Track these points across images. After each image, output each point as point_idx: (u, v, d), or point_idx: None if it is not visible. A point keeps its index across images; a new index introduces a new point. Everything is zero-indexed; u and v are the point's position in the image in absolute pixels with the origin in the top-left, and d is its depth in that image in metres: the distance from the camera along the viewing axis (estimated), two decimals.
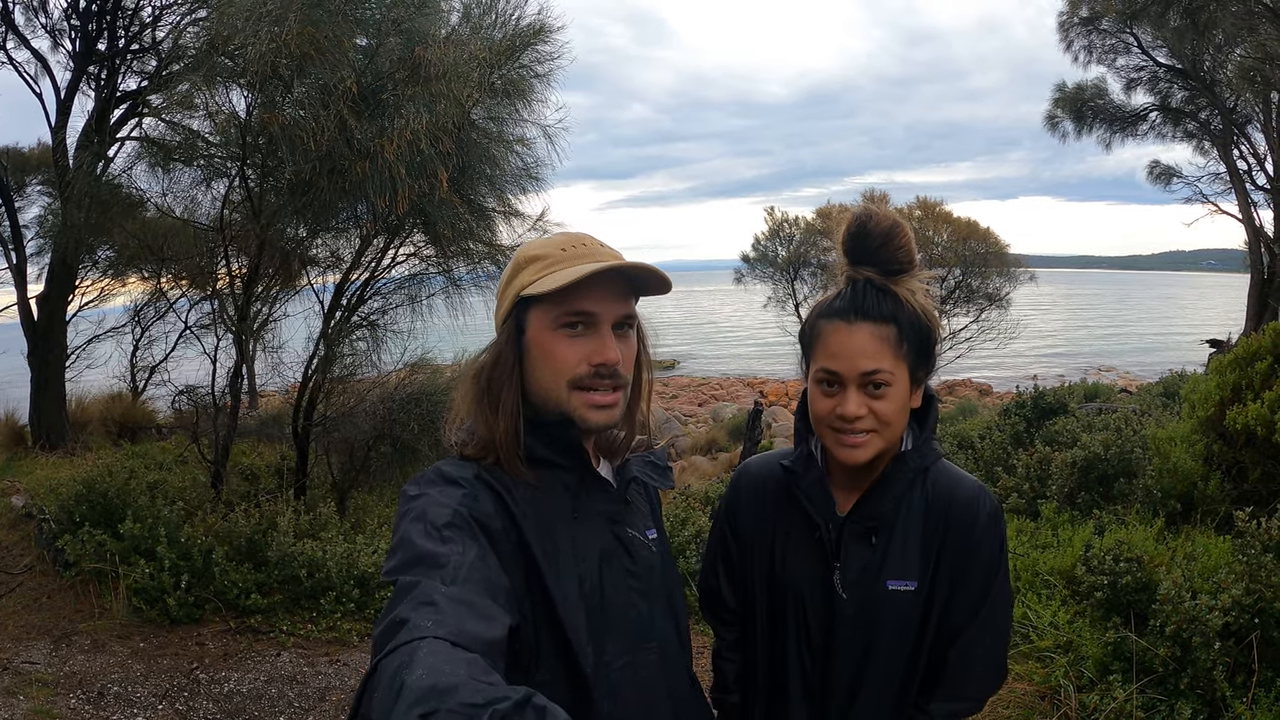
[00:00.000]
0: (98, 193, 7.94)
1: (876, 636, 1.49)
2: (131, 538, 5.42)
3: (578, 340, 1.29)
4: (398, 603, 1.01)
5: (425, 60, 5.86)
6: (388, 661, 0.89)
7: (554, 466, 1.32)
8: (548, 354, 1.29)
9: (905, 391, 1.43)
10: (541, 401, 1.31)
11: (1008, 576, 1.53)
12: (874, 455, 1.44)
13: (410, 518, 1.16)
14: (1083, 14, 16.57)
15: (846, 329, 1.40)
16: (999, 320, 19.72)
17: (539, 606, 1.24)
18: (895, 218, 1.42)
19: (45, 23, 9.38)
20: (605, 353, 1.28)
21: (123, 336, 11.65)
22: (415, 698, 0.80)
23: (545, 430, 1.31)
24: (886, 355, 1.39)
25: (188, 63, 7.07)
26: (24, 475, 8.06)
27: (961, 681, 1.52)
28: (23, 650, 4.86)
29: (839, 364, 1.40)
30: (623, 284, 1.31)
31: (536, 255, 1.31)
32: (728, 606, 1.69)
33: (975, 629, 1.49)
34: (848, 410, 1.40)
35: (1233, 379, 5.04)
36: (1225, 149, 16.39)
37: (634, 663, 1.35)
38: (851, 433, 1.42)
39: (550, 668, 1.25)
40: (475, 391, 1.34)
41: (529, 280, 1.29)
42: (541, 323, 1.29)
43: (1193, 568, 3.86)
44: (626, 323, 1.33)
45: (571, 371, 1.28)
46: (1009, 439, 7.57)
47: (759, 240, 22.64)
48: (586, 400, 1.30)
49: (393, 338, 7.92)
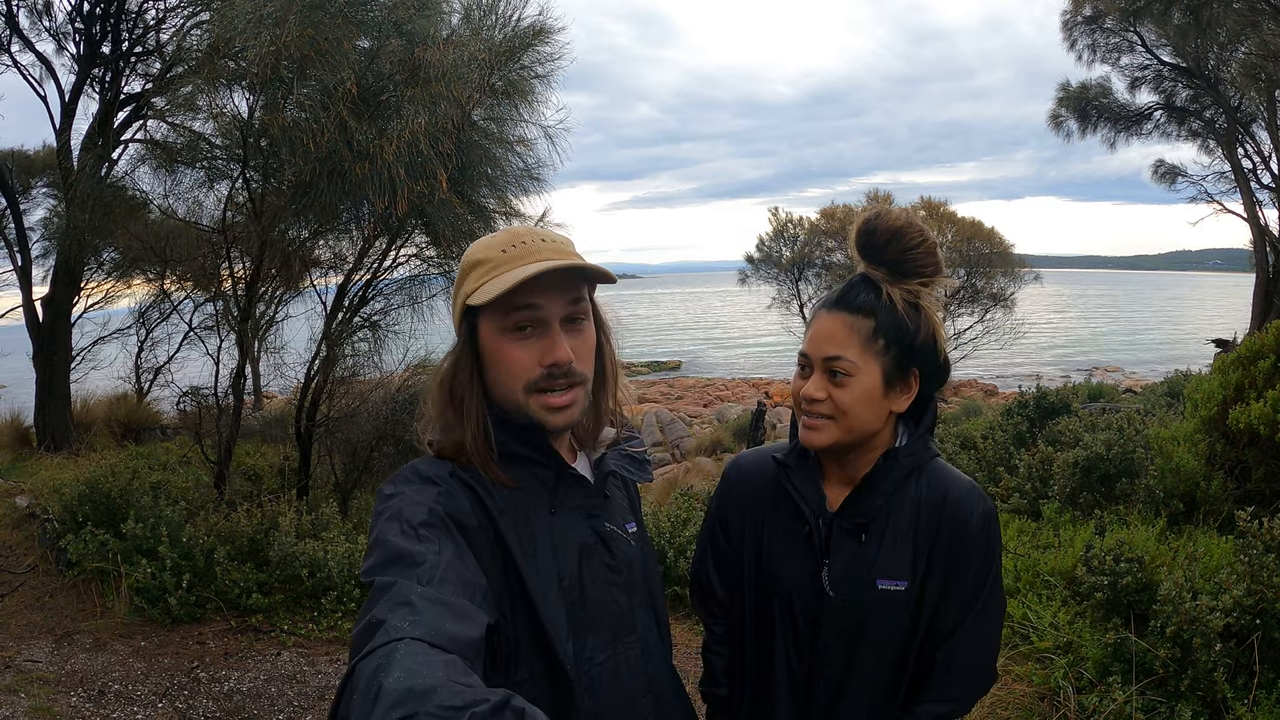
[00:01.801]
0: (102, 195, 7.98)
1: (864, 635, 1.48)
2: (134, 537, 5.44)
3: (528, 343, 1.27)
4: (374, 603, 1.00)
5: (425, 61, 5.87)
6: (365, 664, 0.88)
7: (529, 462, 1.32)
8: (499, 360, 1.29)
9: (872, 386, 1.43)
10: (504, 405, 1.31)
11: (1000, 579, 1.53)
12: (831, 442, 1.46)
13: (386, 516, 1.16)
14: (1086, 13, 16.52)
15: (826, 316, 1.44)
16: (1004, 321, 19.69)
17: (517, 603, 1.24)
18: (907, 219, 1.42)
19: (50, 26, 9.42)
20: (555, 352, 1.27)
21: (127, 338, 11.66)
22: (393, 701, 0.80)
23: (517, 430, 1.31)
24: (853, 346, 1.41)
25: (191, 65, 7.10)
26: (28, 476, 8.08)
27: (949, 683, 1.51)
28: (25, 648, 4.88)
29: (809, 347, 1.45)
30: (570, 277, 1.28)
31: (479, 260, 1.30)
32: (717, 598, 1.70)
33: (966, 631, 1.48)
34: (807, 391, 1.44)
35: (1236, 378, 5.02)
36: (1230, 147, 16.32)
37: (615, 657, 1.35)
38: (811, 414, 1.45)
39: (530, 664, 1.24)
40: (442, 398, 1.33)
41: (472, 288, 1.27)
42: (490, 329, 1.29)
43: (1194, 568, 3.83)
44: (577, 315, 1.31)
45: (525, 375, 1.28)
46: (1011, 439, 7.54)
47: (763, 241, 22.63)
48: (543, 403, 1.29)
49: (394, 338, 7.94)
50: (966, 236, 19.02)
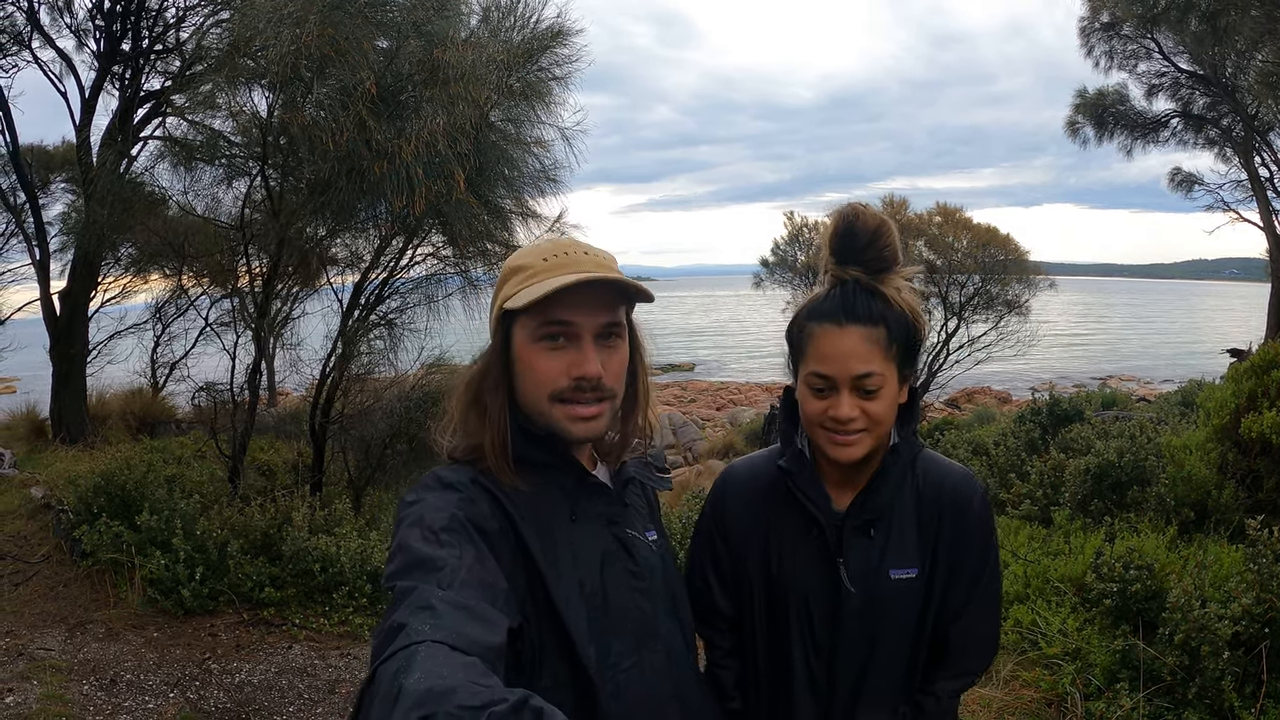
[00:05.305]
0: (120, 191, 8.06)
1: (882, 626, 1.51)
2: (148, 530, 5.49)
3: (559, 352, 1.28)
4: (396, 608, 1.02)
5: (444, 62, 5.91)
6: (386, 666, 0.90)
7: (548, 468, 1.33)
8: (529, 367, 1.30)
9: (895, 391, 1.45)
10: (528, 412, 1.32)
11: (998, 554, 1.60)
12: (866, 453, 1.46)
13: (407, 523, 1.18)
14: (1103, 19, 16.42)
15: (838, 332, 1.41)
16: (1019, 327, 19.57)
17: (540, 607, 1.24)
18: (882, 216, 1.44)
19: (70, 23, 9.51)
20: (584, 365, 1.28)
21: (144, 333, 11.73)
22: (413, 701, 0.81)
23: (537, 437, 1.32)
24: (877, 357, 1.40)
25: (210, 63, 7.15)
26: (44, 467, 8.17)
27: (964, 658, 1.58)
28: (38, 637, 4.94)
29: (831, 367, 1.42)
30: (608, 293, 1.29)
31: (520, 266, 1.31)
32: (721, 613, 1.67)
33: (974, 607, 1.55)
34: (840, 413, 1.42)
35: (1249, 387, 5.00)
36: (1246, 156, 16.18)
37: (640, 663, 1.34)
38: (844, 433, 1.44)
39: (554, 669, 1.25)
40: (466, 401, 1.34)
41: (511, 292, 1.29)
42: (523, 336, 1.30)
43: (1204, 576, 3.82)
44: (612, 331, 1.32)
45: (552, 385, 1.28)
46: (1023, 445, 7.53)
47: (778, 245, 22.55)
48: (568, 413, 1.29)
49: (410, 337, 7.99)
50: (982, 243, 18.90)
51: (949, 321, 17.54)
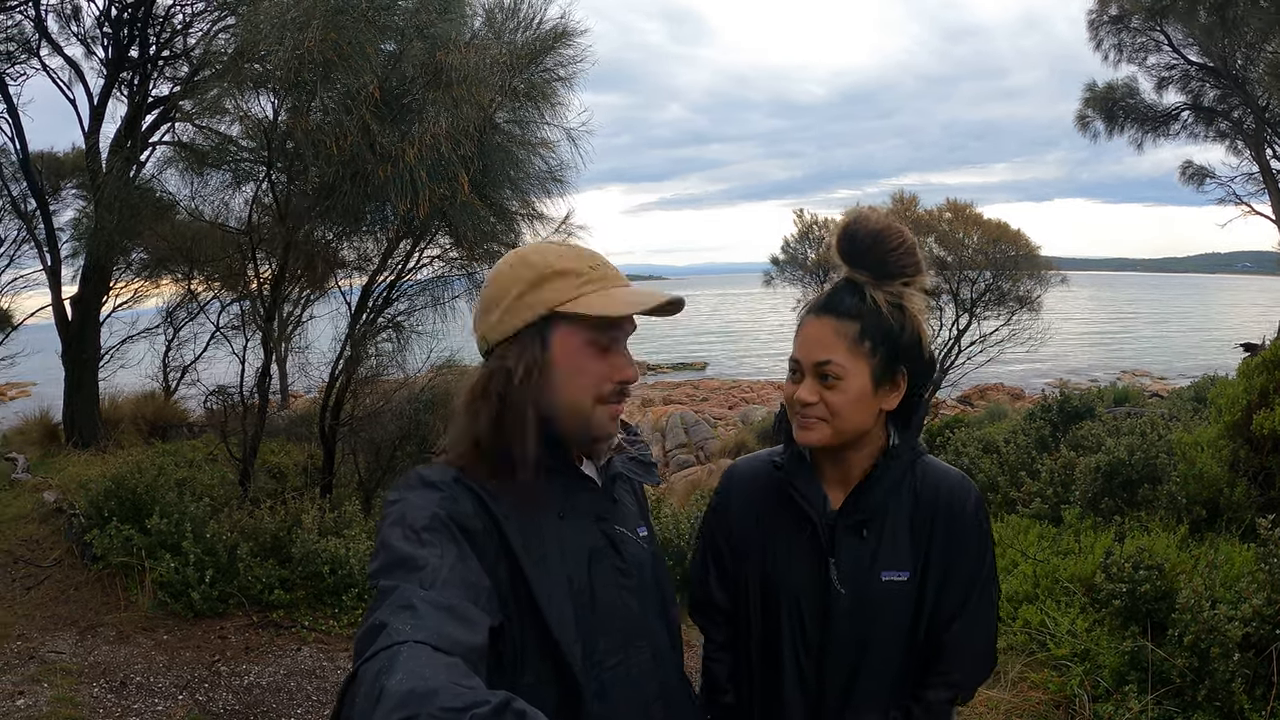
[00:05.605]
0: (130, 196, 8.09)
1: (873, 628, 1.51)
2: (158, 533, 5.53)
3: (604, 357, 1.32)
4: (378, 607, 1.02)
5: (447, 65, 5.92)
6: (368, 667, 0.90)
7: (546, 469, 1.32)
8: (579, 370, 1.31)
9: (862, 387, 1.45)
10: (560, 413, 1.31)
11: (994, 563, 1.59)
12: (824, 441, 1.49)
13: (389, 521, 1.18)
14: (1112, 12, 16.32)
15: (814, 322, 1.48)
16: (1031, 323, 19.46)
17: (523, 605, 1.24)
18: (886, 222, 1.45)
19: (78, 30, 9.59)
20: (627, 371, 1.35)
21: (155, 337, 11.82)
22: (395, 703, 0.81)
23: (552, 439, 1.32)
24: (840, 349, 1.44)
25: (217, 69, 7.18)
26: (56, 471, 8.22)
27: (954, 668, 1.55)
28: (49, 640, 4.98)
29: (799, 352, 1.49)
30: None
31: (564, 270, 1.30)
32: (719, 607, 1.70)
33: (967, 615, 1.53)
34: (800, 395, 1.48)
35: (1260, 383, 4.95)
36: (1258, 148, 16.07)
37: (625, 661, 1.35)
38: (804, 416, 1.49)
39: (537, 668, 1.25)
40: (490, 405, 1.29)
41: (566, 296, 1.28)
42: (575, 340, 1.30)
43: (1214, 576, 3.78)
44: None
45: (599, 388, 1.32)
46: (1034, 443, 7.48)
47: (788, 243, 22.48)
48: (610, 413, 1.34)
49: (418, 339, 8.01)
50: (992, 239, 18.80)
51: (960, 318, 17.46)
